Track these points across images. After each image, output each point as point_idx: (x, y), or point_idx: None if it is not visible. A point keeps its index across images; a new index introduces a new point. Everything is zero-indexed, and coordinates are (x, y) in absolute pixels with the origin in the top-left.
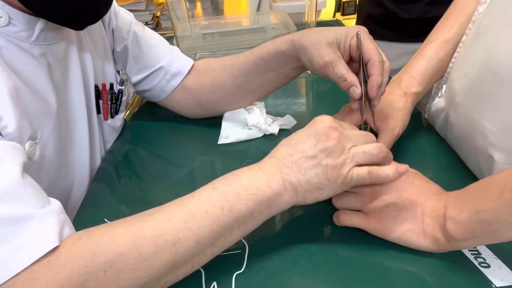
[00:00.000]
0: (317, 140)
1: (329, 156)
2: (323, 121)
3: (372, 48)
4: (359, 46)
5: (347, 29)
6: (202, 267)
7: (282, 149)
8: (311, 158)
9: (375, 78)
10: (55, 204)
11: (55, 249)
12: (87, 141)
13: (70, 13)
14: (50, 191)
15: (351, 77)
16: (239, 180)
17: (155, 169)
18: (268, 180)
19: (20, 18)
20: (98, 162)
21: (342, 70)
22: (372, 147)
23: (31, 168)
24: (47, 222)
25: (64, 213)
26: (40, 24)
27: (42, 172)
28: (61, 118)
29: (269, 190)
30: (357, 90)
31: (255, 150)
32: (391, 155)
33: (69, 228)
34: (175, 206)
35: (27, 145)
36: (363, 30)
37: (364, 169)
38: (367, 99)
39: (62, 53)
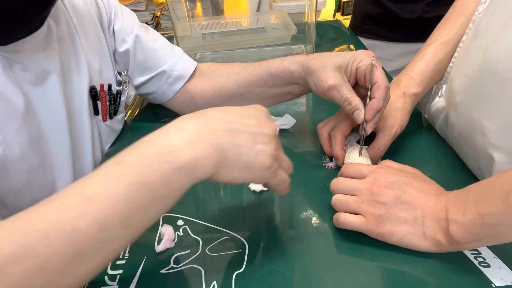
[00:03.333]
0: (259, 122)
1: (267, 144)
2: (263, 109)
3: (380, 72)
4: (370, 70)
5: (355, 53)
6: (201, 267)
7: (216, 111)
8: (250, 135)
9: (377, 102)
10: None
11: None
12: (68, 144)
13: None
14: (19, 195)
15: (356, 101)
16: (151, 146)
17: None
18: (190, 142)
19: None
20: (87, 164)
21: (348, 94)
22: (290, 163)
23: None
24: None
25: None
26: None
27: (5, 174)
28: (31, 119)
29: (189, 154)
30: (361, 114)
31: None
32: None
33: None
34: (72, 189)
35: None
36: (374, 56)
37: (287, 177)
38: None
39: (32, 56)
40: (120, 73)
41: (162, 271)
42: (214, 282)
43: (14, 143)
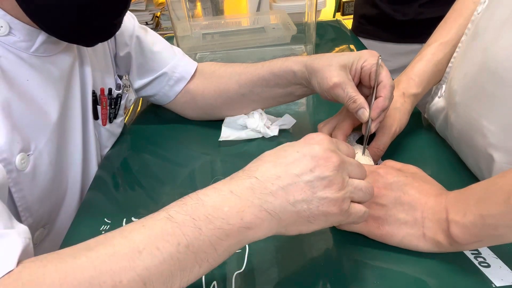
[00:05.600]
0: (314, 164)
1: (329, 187)
2: (322, 142)
3: (386, 72)
4: (377, 69)
5: (359, 53)
6: None
7: (266, 167)
8: (305, 186)
9: (383, 100)
10: (22, 227)
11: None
12: (80, 150)
13: (80, 32)
14: (42, 202)
15: (361, 99)
16: (202, 207)
17: (154, 171)
18: (240, 209)
19: (20, 28)
20: (93, 168)
21: (352, 92)
22: (368, 186)
23: (22, 180)
24: (10, 242)
25: (30, 237)
26: (42, 36)
27: (34, 183)
28: (59, 128)
29: (240, 222)
30: (366, 113)
31: (255, 149)
32: None
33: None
34: (120, 237)
35: (18, 157)
36: (379, 55)
37: (362, 208)
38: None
39: (65, 64)
40: (121, 77)
41: None
42: (214, 282)
43: (44, 153)
